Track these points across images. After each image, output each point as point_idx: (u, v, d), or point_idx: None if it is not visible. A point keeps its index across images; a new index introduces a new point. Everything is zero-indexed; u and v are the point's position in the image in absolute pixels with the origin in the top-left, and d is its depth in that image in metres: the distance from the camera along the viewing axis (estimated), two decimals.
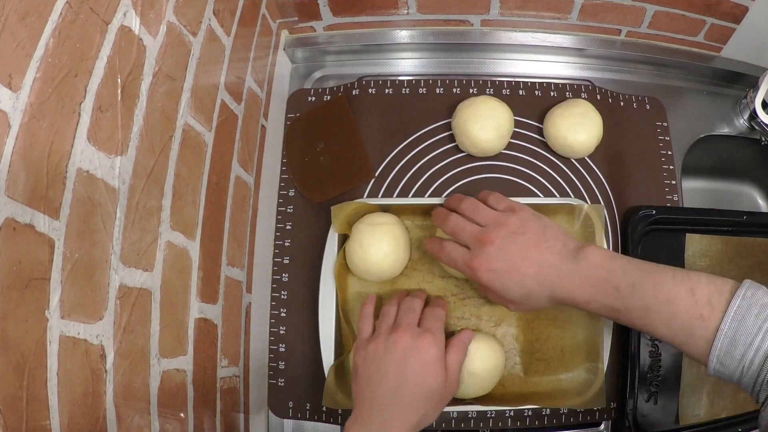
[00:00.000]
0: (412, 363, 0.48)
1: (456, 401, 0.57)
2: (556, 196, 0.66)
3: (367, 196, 0.66)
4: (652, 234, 0.64)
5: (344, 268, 0.61)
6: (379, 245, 0.57)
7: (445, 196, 0.67)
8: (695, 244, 0.65)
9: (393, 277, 0.61)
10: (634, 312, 0.45)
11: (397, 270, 0.60)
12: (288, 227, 0.67)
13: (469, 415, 0.61)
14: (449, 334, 0.56)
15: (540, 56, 0.75)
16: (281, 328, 0.64)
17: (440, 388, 0.49)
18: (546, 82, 0.71)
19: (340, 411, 0.60)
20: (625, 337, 0.60)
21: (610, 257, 0.47)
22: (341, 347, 0.60)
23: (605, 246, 0.58)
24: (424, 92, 0.70)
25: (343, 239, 0.61)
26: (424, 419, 0.49)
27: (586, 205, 0.60)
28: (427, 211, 0.61)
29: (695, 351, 0.44)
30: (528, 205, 0.55)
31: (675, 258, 0.64)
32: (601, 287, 0.46)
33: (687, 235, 0.65)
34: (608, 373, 0.57)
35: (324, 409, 0.61)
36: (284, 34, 0.74)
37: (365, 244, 0.57)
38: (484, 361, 0.55)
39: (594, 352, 0.57)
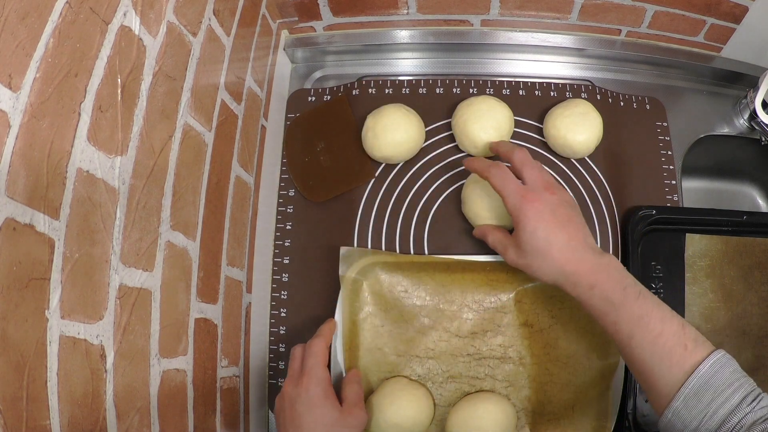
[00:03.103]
0: (299, 409, 0.50)
1: None
2: None
3: (367, 196, 0.66)
4: (652, 234, 0.64)
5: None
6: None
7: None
8: (695, 244, 0.65)
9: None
10: (629, 315, 0.47)
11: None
12: (288, 227, 0.67)
13: None
14: (461, 396, 0.59)
15: (540, 56, 0.75)
16: (281, 328, 0.64)
17: (336, 418, 0.50)
18: (546, 82, 0.71)
19: None
20: None
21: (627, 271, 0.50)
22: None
23: None
24: (424, 92, 0.70)
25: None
26: None
27: None
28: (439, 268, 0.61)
29: (663, 382, 0.45)
30: None
31: (675, 258, 0.64)
32: (613, 280, 0.48)
33: (687, 235, 0.65)
34: None
35: None
36: (284, 34, 0.74)
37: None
38: (496, 424, 0.56)
39: (603, 414, 0.57)
